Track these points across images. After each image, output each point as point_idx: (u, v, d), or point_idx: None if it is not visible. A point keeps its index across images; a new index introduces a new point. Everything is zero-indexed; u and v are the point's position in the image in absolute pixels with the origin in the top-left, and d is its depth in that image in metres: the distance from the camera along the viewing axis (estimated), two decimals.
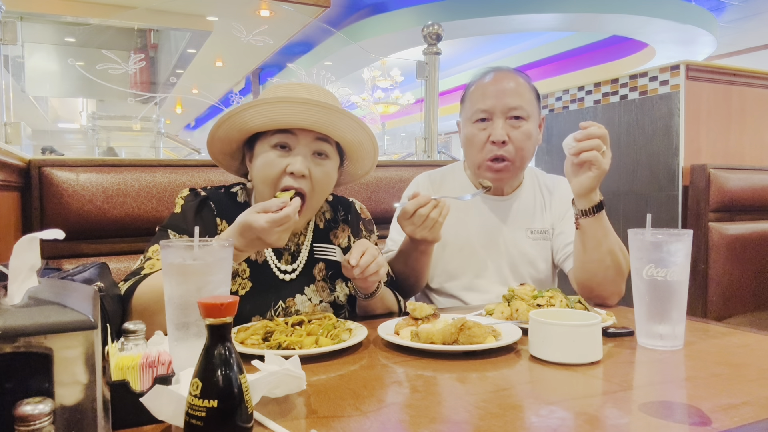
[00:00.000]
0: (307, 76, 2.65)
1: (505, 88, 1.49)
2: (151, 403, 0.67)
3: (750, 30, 9.25)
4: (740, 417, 0.72)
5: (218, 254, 0.87)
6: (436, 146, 2.50)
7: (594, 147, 1.30)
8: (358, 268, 1.14)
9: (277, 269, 1.29)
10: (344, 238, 1.41)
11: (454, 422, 0.72)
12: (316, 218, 1.38)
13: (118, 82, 2.32)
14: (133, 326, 0.83)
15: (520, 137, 1.49)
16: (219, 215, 1.26)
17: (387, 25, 8.45)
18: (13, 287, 0.59)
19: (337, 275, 1.36)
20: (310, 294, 1.30)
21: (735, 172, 2.40)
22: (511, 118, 1.49)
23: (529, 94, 1.51)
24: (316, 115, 1.16)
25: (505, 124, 1.49)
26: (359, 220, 1.46)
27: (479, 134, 1.51)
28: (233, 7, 5.35)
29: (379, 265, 1.17)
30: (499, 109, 1.48)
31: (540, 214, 1.61)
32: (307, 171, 1.18)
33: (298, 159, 1.18)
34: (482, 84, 1.53)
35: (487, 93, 1.50)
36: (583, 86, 2.87)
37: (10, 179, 1.38)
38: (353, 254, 1.15)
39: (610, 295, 1.43)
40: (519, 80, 1.52)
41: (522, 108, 1.48)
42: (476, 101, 1.52)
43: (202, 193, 1.27)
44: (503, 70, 1.55)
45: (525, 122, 1.49)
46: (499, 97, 1.48)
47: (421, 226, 1.28)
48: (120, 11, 4.71)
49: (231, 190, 1.33)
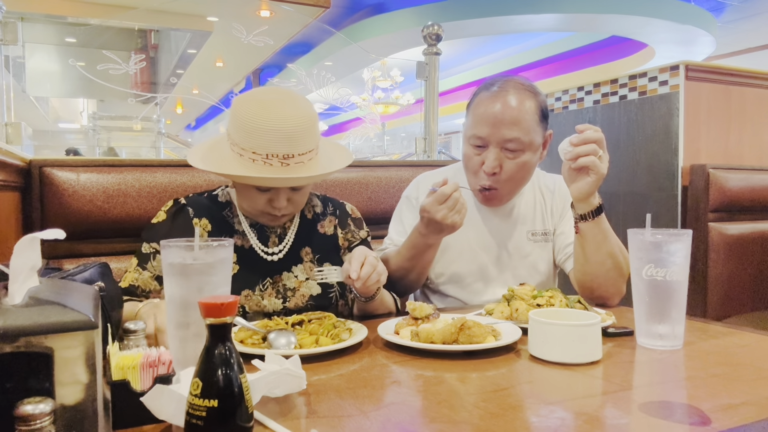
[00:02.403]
0: (307, 76, 2.65)
1: (504, 116, 1.40)
2: (151, 402, 0.67)
3: (750, 30, 9.25)
4: (740, 417, 0.72)
5: (218, 254, 0.87)
6: (436, 146, 2.50)
7: (590, 152, 1.29)
8: (359, 281, 1.15)
9: (263, 252, 1.34)
10: (330, 228, 1.44)
11: (454, 422, 0.72)
12: (305, 209, 1.44)
13: (119, 83, 2.32)
14: (133, 326, 0.83)
15: (513, 168, 1.44)
16: (196, 216, 1.33)
17: (387, 26, 8.45)
18: (14, 287, 0.59)
19: (325, 258, 1.39)
20: (297, 272, 1.34)
21: (734, 172, 2.40)
22: (507, 149, 1.43)
23: (530, 119, 1.42)
24: (294, 178, 1.19)
25: (500, 154, 1.43)
26: (348, 216, 1.49)
27: (474, 158, 1.47)
28: (233, 7, 5.35)
29: (380, 274, 1.18)
30: (494, 139, 1.42)
31: (540, 216, 1.60)
32: (286, 203, 1.26)
33: (280, 197, 1.25)
34: (484, 102, 1.44)
35: (486, 117, 1.42)
36: (582, 86, 2.87)
37: (11, 179, 1.38)
38: (353, 266, 1.15)
39: (611, 295, 1.43)
40: (523, 102, 1.41)
41: (519, 140, 1.40)
42: (475, 123, 1.45)
43: (182, 201, 1.36)
44: (509, 88, 1.44)
45: (521, 153, 1.43)
46: (497, 126, 1.40)
47: (453, 210, 1.29)
48: (120, 11, 4.71)
49: (213, 193, 1.41)
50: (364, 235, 1.48)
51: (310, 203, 1.46)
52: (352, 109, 3.03)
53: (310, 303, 1.31)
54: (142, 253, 1.29)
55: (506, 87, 1.44)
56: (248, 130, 1.17)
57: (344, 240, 1.45)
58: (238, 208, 1.37)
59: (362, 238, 1.47)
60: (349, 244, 1.45)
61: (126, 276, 1.28)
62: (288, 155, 1.17)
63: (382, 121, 9.51)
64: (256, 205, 1.27)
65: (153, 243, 1.29)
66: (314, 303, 1.32)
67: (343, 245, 1.44)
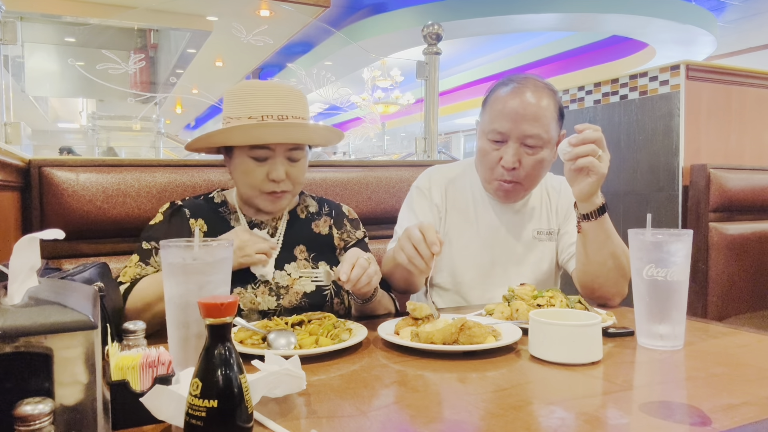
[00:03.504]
0: (307, 76, 2.65)
1: (525, 111, 1.40)
2: (151, 403, 0.67)
3: (750, 30, 9.25)
4: (740, 417, 0.72)
5: (218, 254, 0.87)
6: (436, 146, 2.50)
7: (590, 152, 1.28)
8: (349, 283, 1.14)
9: None
10: (325, 228, 1.44)
11: (454, 422, 0.72)
12: (297, 209, 1.44)
13: (118, 82, 2.32)
14: (133, 326, 0.83)
15: (531, 164, 1.44)
16: (192, 217, 1.35)
17: (387, 25, 8.45)
18: (13, 287, 0.59)
19: (320, 256, 1.39)
20: (290, 270, 1.33)
21: (735, 172, 2.40)
22: (526, 145, 1.43)
23: (550, 116, 1.42)
24: (291, 132, 1.27)
25: (519, 150, 1.43)
26: (344, 216, 1.49)
27: (492, 153, 1.46)
28: (233, 7, 5.35)
29: (370, 276, 1.16)
30: (514, 134, 1.42)
31: (546, 215, 1.60)
32: (285, 175, 1.28)
33: (277, 167, 1.27)
34: (503, 98, 1.44)
35: (505, 112, 1.42)
36: (583, 86, 2.87)
37: (10, 179, 1.38)
38: (343, 268, 1.15)
39: (612, 296, 1.43)
40: (542, 100, 1.42)
41: (538, 136, 1.41)
42: (494, 118, 1.45)
43: (177, 203, 1.38)
44: (528, 85, 1.44)
45: (540, 150, 1.43)
46: (517, 122, 1.40)
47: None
48: (120, 11, 4.70)
49: (209, 195, 1.43)
50: (360, 235, 1.48)
51: (304, 203, 1.46)
52: (352, 109, 3.03)
53: (304, 300, 1.31)
54: (143, 250, 1.30)
55: (526, 83, 1.45)
56: (242, 96, 1.25)
57: (340, 240, 1.44)
58: (236, 204, 1.38)
59: (359, 238, 1.47)
60: (345, 245, 1.44)
61: (126, 271, 1.28)
62: (282, 116, 1.24)
63: (382, 120, 9.51)
64: (254, 181, 1.27)
65: (152, 242, 1.31)
66: (309, 300, 1.31)
67: (339, 245, 1.44)
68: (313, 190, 1.69)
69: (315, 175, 1.78)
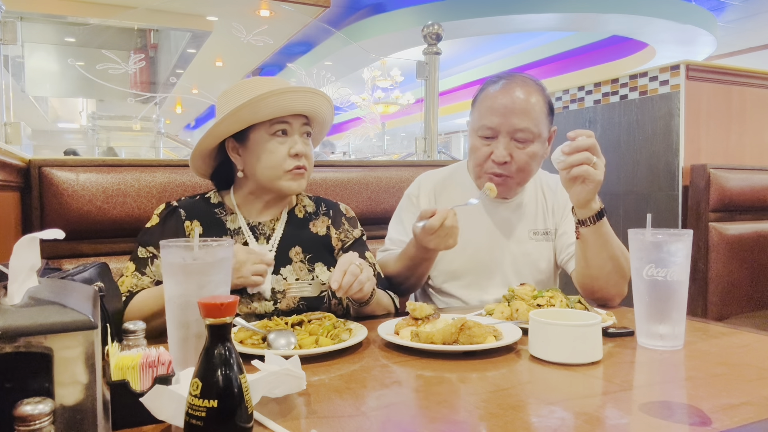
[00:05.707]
0: (307, 76, 2.65)
1: (514, 106, 1.42)
2: (151, 403, 0.67)
3: (750, 30, 9.24)
4: (740, 417, 0.72)
5: (218, 254, 0.87)
6: (436, 146, 2.50)
7: (583, 161, 1.26)
8: (340, 291, 1.14)
9: None
10: (323, 228, 1.43)
11: (454, 422, 0.72)
12: (295, 209, 1.43)
13: (118, 82, 2.32)
14: (133, 326, 0.83)
15: (523, 158, 1.45)
16: (188, 218, 1.34)
17: (387, 25, 8.44)
18: (13, 287, 0.59)
19: (316, 258, 1.38)
20: (286, 274, 1.33)
21: (735, 172, 2.40)
22: (516, 139, 1.44)
23: (539, 111, 1.45)
24: (316, 99, 1.31)
25: (509, 144, 1.44)
26: (342, 215, 1.48)
27: (483, 149, 1.48)
28: (233, 7, 5.35)
29: (362, 283, 1.16)
30: (504, 129, 1.43)
31: (542, 215, 1.60)
32: (304, 151, 1.32)
33: (298, 142, 1.31)
34: (492, 94, 1.47)
35: (494, 108, 1.44)
36: (583, 86, 2.87)
37: (10, 179, 1.38)
38: (334, 276, 1.15)
39: (612, 297, 1.43)
40: (531, 95, 1.44)
41: (528, 130, 1.43)
42: (483, 114, 1.47)
43: (173, 204, 1.37)
44: (516, 81, 1.47)
45: (530, 144, 1.45)
46: (506, 116, 1.42)
47: (445, 237, 1.30)
48: (120, 11, 4.70)
49: (205, 196, 1.42)
50: (358, 234, 1.47)
51: (301, 203, 1.45)
52: (352, 109, 3.03)
53: (302, 303, 1.29)
54: (139, 258, 1.28)
55: (514, 80, 1.48)
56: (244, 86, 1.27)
57: (338, 240, 1.44)
58: (234, 205, 1.36)
59: (356, 237, 1.46)
60: (343, 245, 1.44)
61: (123, 281, 1.26)
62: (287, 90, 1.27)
63: (382, 120, 9.51)
64: (277, 159, 1.29)
65: (149, 247, 1.29)
66: (306, 303, 1.30)
67: (336, 245, 1.43)
68: (313, 190, 1.69)
69: (315, 175, 1.78)
